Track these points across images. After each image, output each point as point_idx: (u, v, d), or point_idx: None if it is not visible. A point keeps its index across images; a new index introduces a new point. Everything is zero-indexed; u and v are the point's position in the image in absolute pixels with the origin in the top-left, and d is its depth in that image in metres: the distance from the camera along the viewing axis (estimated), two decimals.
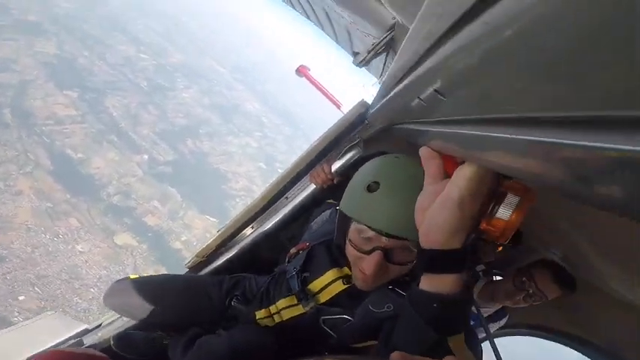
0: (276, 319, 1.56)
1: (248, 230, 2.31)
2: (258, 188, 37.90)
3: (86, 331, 2.35)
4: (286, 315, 1.53)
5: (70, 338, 2.26)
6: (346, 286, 1.41)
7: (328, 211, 1.77)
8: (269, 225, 2.18)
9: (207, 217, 29.95)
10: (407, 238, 1.15)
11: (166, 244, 25.64)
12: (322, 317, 1.40)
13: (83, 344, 2.14)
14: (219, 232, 2.40)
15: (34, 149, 24.61)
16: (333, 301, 1.43)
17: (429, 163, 0.85)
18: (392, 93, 0.98)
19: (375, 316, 1.21)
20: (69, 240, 21.26)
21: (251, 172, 41.06)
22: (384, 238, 1.15)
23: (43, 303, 18.17)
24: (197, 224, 28.68)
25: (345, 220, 1.29)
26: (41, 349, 2.30)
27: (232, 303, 1.76)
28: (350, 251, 1.30)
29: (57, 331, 2.58)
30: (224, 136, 44.78)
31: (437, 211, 0.78)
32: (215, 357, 1.42)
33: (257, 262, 2.14)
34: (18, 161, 23.32)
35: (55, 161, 24.91)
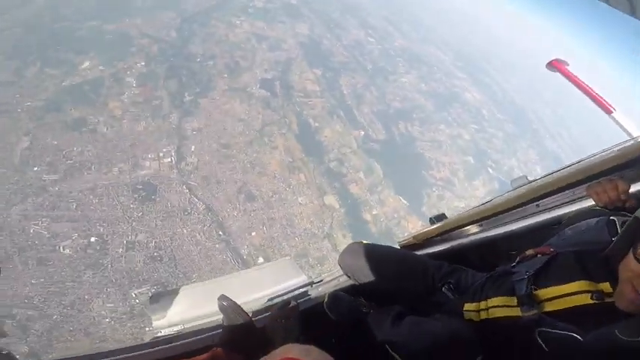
0: (483, 315, 1.47)
1: (474, 228, 2.22)
2: (460, 182, 35.98)
3: (311, 284, 2.59)
4: (496, 313, 1.42)
5: (296, 288, 2.56)
6: (594, 301, 1.19)
7: (596, 219, 1.54)
8: (503, 229, 2.00)
9: (401, 198, 31.37)
10: None
11: (359, 213, 28.82)
12: (540, 329, 1.22)
13: (307, 295, 2.37)
14: (445, 222, 2.39)
15: (290, 115, 32.64)
16: (563, 314, 1.24)
17: None
18: None
19: (620, 344, 1.00)
20: (296, 192, 27.24)
21: (455, 165, 39.19)
22: None
23: (264, 242, 23.74)
24: (390, 202, 30.65)
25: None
26: (269, 291, 2.67)
27: (443, 289, 1.75)
28: (632, 266, 1.12)
29: (286, 277, 2.91)
30: (436, 123, 44.33)
31: None
32: (433, 338, 1.42)
33: (467, 262, 2.06)
34: (279, 123, 31.52)
35: (300, 126, 32.37)
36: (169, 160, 25.05)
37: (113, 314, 18.55)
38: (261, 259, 22.85)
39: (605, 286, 1.23)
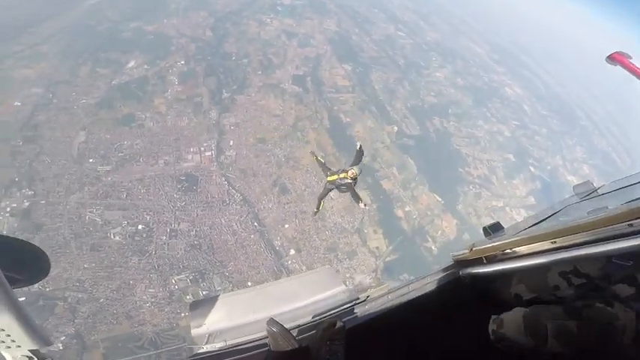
0: None
1: (546, 244, 2.04)
2: (498, 181, 37.14)
3: (357, 300, 2.71)
4: None
5: (343, 304, 2.68)
6: None
7: None
8: (582, 250, 1.83)
9: (435, 195, 32.95)
10: None
11: (391, 209, 30.65)
12: None
13: (354, 313, 2.46)
14: (510, 240, 2.28)
15: (321, 110, 35.28)
16: None
17: None
18: None
19: None
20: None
21: (494, 162, 40.11)
22: None
23: (296, 234, 25.91)
24: (423, 199, 32.36)
25: None
26: (308, 301, 2.90)
27: None
28: None
29: (325, 287, 3.12)
30: (474, 119, 45.30)
31: None
32: None
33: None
34: (311, 118, 34.22)
35: (331, 121, 35.01)
36: (210, 153, 27.91)
37: (153, 299, 20.96)
38: (292, 251, 25.08)
39: None
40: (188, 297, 21.35)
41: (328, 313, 2.62)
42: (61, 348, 18.78)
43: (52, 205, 23.17)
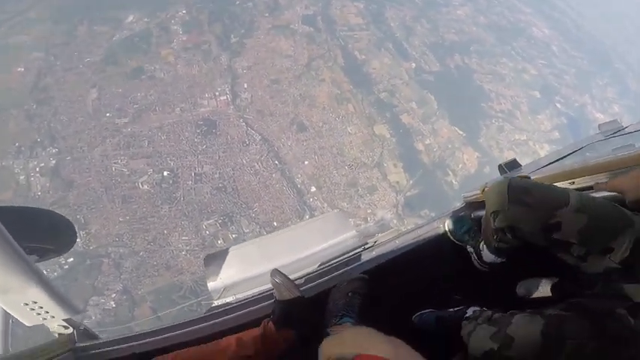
0: None
1: (564, 185, 1.86)
2: (522, 115, 37.14)
3: (364, 246, 2.72)
4: None
5: (349, 251, 2.72)
6: None
7: None
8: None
9: (456, 129, 33.15)
10: None
11: (411, 143, 30.97)
12: None
13: (360, 260, 2.49)
14: (543, 168, 2.11)
15: (334, 49, 35.37)
16: None
17: None
18: None
19: None
20: (345, 121, 30.03)
21: (519, 98, 39.70)
22: None
23: (316, 171, 26.65)
24: (444, 133, 32.61)
25: None
26: (319, 247, 3.04)
27: None
28: None
29: (336, 232, 3.23)
30: (497, 57, 43.96)
31: None
32: None
33: None
34: (325, 57, 34.51)
35: (346, 59, 35.27)
36: (225, 97, 28.83)
37: (188, 247, 22.58)
38: (313, 188, 26.33)
39: None
40: (219, 241, 22.89)
41: (335, 261, 2.69)
42: (113, 306, 20.49)
43: (78, 160, 24.66)
